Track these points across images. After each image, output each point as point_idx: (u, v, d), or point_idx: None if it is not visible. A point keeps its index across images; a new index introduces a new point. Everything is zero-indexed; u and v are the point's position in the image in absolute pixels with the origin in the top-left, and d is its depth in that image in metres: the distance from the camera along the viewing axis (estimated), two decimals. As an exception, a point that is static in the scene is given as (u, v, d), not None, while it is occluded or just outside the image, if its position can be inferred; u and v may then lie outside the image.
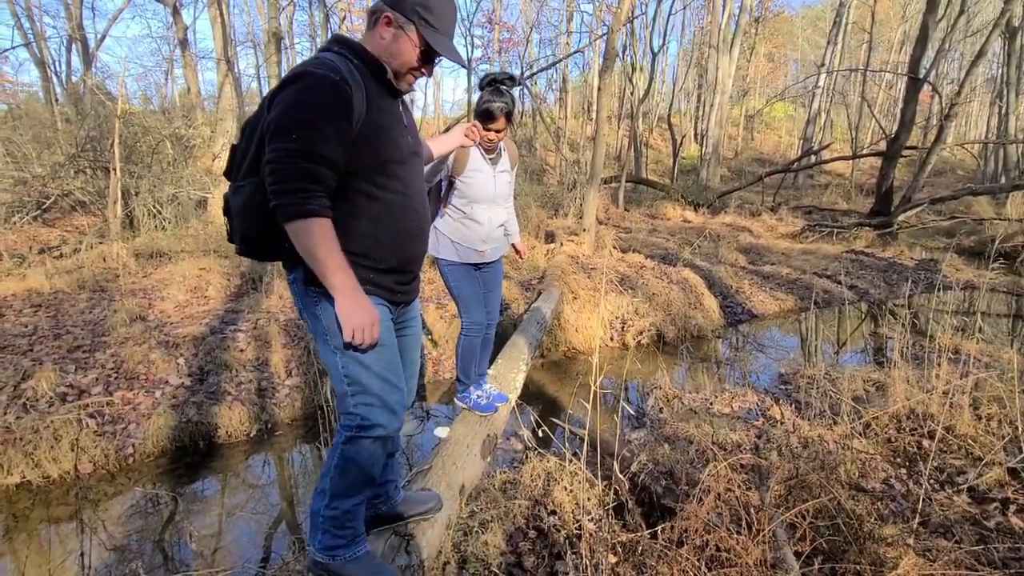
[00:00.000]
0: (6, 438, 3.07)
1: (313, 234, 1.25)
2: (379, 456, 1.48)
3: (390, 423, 1.46)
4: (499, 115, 2.24)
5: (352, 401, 1.42)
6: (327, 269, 1.27)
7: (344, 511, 1.44)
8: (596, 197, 7.55)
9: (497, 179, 2.48)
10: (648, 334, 5.20)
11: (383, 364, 1.43)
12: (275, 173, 1.23)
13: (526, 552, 1.98)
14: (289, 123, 1.23)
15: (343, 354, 1.39)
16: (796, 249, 9.00)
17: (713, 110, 17.43)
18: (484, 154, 2.43)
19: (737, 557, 1.15)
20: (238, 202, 1.35)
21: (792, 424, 3.13)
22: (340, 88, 1.26)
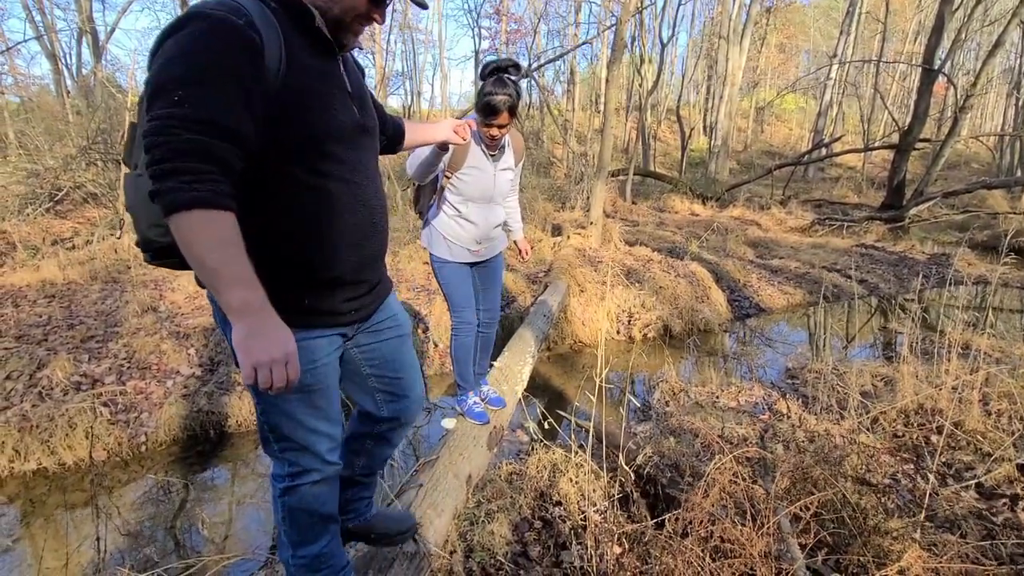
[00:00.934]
0: (23, 425, 3.14)
1: (201, 232, 0.91)
2: (326, 494, 1.27)
3: (324, 468, 1.23)
4: (502, 109, 1.97)
5: (276, 447, 1.20)
6: (220, 281, 0.93)
7: (313, 556, 1.27)
8: (603, 190, 7.53)
9: (498, 178, 2.24)
10: (655, 328, 5.19)
11: (311, 412, 1.16)
12: (153, 148, 0.90)
13: (532, 542, 2.01)
14: (171, 81, 0.91)
15: (261, 397, 1.12)
16: (805, 243, 8.93)
17: (723, 102, 17.26)
18: (485, 151, 2.18)
19: (741, 548, 1.16)
20: (137, 195, 1.05)
21: (798, 418, 3.13)
22: (245, 35, 0.94)
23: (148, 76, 0.95)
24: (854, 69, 23.35)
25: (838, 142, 17.66)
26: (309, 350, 1.12)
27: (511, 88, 1.98)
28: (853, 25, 19.48)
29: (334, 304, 1.15)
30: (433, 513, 1.66)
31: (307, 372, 1.11)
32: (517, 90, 2.01)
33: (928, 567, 1.15)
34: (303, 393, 1.13)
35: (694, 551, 1.16)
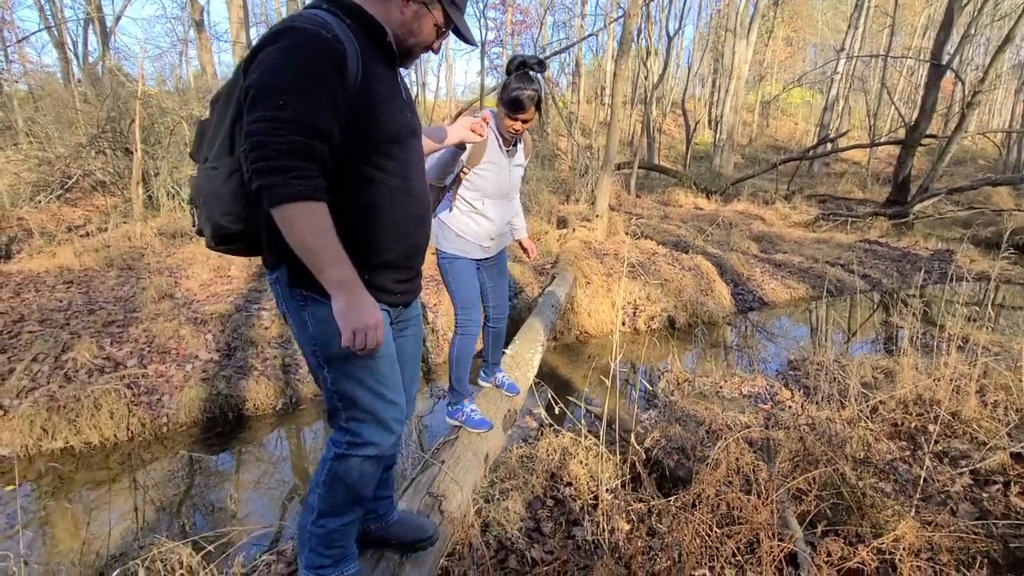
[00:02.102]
0: (51, 405, 3.26)
1: (308, 221, 1.05)
2: (371, 475, 1.33)
3: (384, 441, 1.31)
4: (529, 104, 2.01)
5: (343, 416, 1.28)
6: (325, 262, 1.08)
7: (331, 530, 1.32)
8: (609, 183, 7.59)
9: (513, 173, 2.26)
10: (659, 319, 5.28)
11: (379, 377, 1.27)
12: (260, 147, 1.02)
13: (544, 518, 2.11)
14: (275, 87, 1.03)
15: (332, 367, 1.23)
16: (809, 238, 8.99)
17: (728, 95, 17.22)
18: (502, 145, 2.18)
19: (746, 517, 1.25)
20: (210, 187, 1.16)
21: (800, 407, 3.23)
22: (333, 47, 1.07)
23: (249, 81, 1.06)
24: (861, 64, 23.23)
25: (844, 137, 17.63)
26: None
27: (537, 84, 2.01)
28: (861, 19, 19.35)
29: (387, 283, 1.28)
30: (456, 487, 1.76)
31: None
32: (541, 85, 2.05)
33: (921, 536, 1.24)
34: (370, 359, 1.24)
35: (703, 520, 1.26)
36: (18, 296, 4.67)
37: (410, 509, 1.62)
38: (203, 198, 1.17)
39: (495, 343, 2.60)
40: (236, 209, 1.16)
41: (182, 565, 1.88)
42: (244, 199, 1.14)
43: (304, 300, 1.20)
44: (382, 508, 1.56)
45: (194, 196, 1.22)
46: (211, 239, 1.22)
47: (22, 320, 4.18)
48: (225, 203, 1.15)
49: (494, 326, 2.53)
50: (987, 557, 1.39)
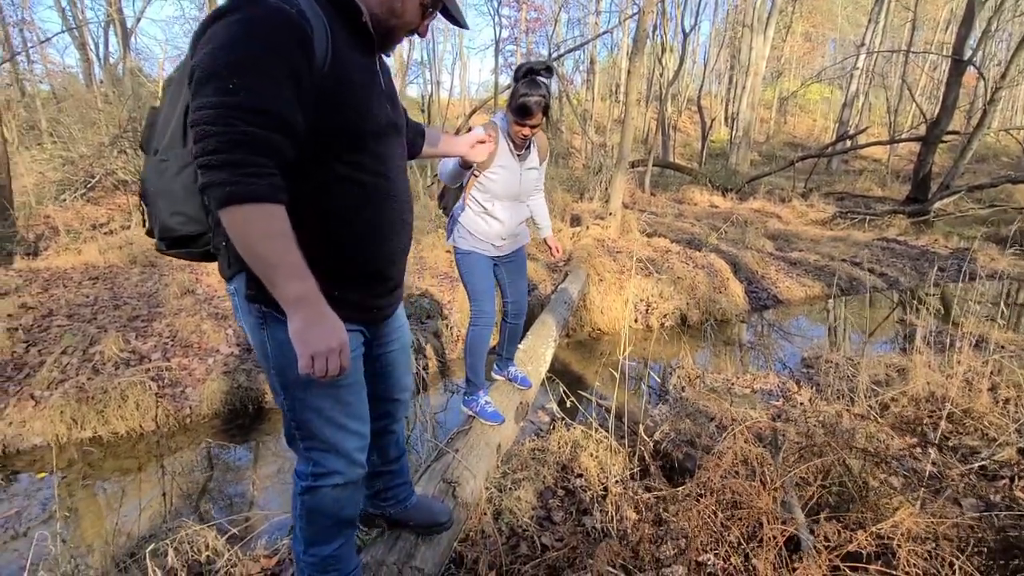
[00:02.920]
0: (80, 396, 3.39)
1: (261, 226, 0.90)
2: (348, 499, 1.24)
3: (349, 471, 1.20)
4: (536, 111, 2.04)
5: (302, 445, 1.17)
6: (279, 274, 0.93)
7: (323, 557, 1.24)
8: (623, 181, 7.60)
9: (524, 176, 2.29)
10: (672, 317, 5.30)
11: (342, 408, 1.15)
12: (207, 137, 0.87)
13: (555, 508, 2.16)
14: (225, 67, 0.87)
15: (291, 394, 1.11)
16: (826, 236, 8.91)
17: (745, 92, 17.07)
18: (513, 149, 2.22)
19: (749, 502, 1.29)
20: (159, 182, 1.02)
21: (810, 403, 3.24)
22: (297, 23, 0.92)
23: (196, 60, 0.89)
24: (882, 59, 22.84)
25: (863, 134, 17.37)
26: None
27: (544, 89, 2.04)
28: (882, 14, 19.02)
29: (362, 298, 1.15)
30: (469, 475, 1.82)
31: None
32: (549, 90, 2.08)
33: (919, 523, 1.27)
34: (333, 388, 1.12)
35: (708, 507, 1.30)
36: (46, 292, 4.83)
37: (425, 494, 1.69)
38: (151, 195, 1.04)
39: (511, 339, 2.67)
40: (188, 208, 1.03)
41: (208, 547, 1.97)
42: (197, 197, 1.01)
43: (263, 317, 1.07)
44: (402, 493, 1.58)
45: (143, 191, 1.07)
46: (160, 242, 1.08)
47: (51, 315, 4.34)
48: (175, 201, 1.02)
49: (512, 322, 2.58)
50: (987, 547, 1.41)
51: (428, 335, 4.55)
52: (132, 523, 2.24)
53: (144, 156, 1.09)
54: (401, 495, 1.58)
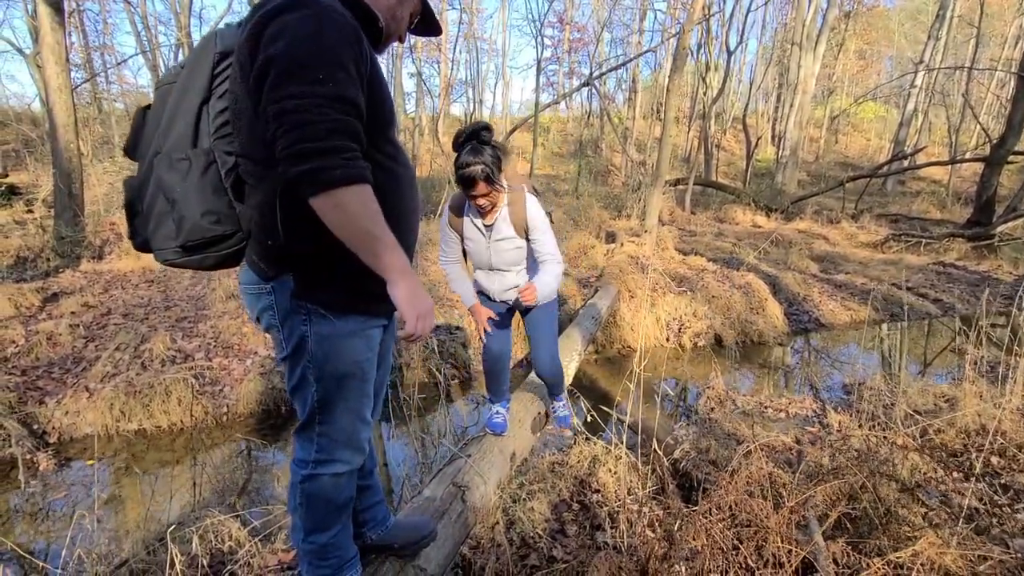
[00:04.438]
0: (128, 390, 3.60)
1: (365, 204, 0.96)
2: (345, 487, 1.28)
3: (353, 460, 1.26)
4: (478, 178, 1.82)
5: (317, 431, 1.21)
6: (386, 248, 1.00)
7: (322, 544, 1.27)
8: (659, 198, 7.52)
9: (494, 248, 2.08)
10: (705, 337, 5.17)
11: (364, 399, 1.22)
12: (302, 126, 0.90)
13: (569, 521, 2.14)
14: (310, 58, 0.91)
15: (324, 385, 1.16)
16: (876, 259, 8.52)
17: (793, 110, 16.65)
18: (476, 223, 2.05)
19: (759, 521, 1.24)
20: (184, 183, 1.02)
21: (846, 430, 3.08)
22: (352, 21, 0.99)
23: (272, 52, 0.92)
24: (943, 76, 21.84)
25: (921, 153, 16.60)
26: (370, 338, 1.20)
27: (486, 155, 1.83)
28: (943, 29, 18.25)
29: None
30: (480, 480, 1.83)
31: (367, 360, 1.20)
32: (496, 154, 1.86)
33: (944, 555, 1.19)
34: (361, 381, 1.20)
35: (718, 525, 1.26)
36: (107, 292, 5.18)
37: (434, 496, 1.70)
38: (173, 197, 1.03)
39: (549, 388, 2.59)
40: (220, 206, 1.06)
41: (231, 537, 2.05)
42: (225, 195, 1.05)
43: (308, 315, 1.11)
44: (379, 514, 1.52)
45: (141, 198, 1.07)
46: (181, 246, 1.06)
47: (109, 313, 4.64)
48: (206, 200, 1.04)
49: (539, 376, 2.47)
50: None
51: (456, 345, 4.60)
52: (164, 511, 2.36)
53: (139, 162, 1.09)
54: (379, 515, 1.52)
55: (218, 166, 1.05)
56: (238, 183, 1.08)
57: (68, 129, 6.25)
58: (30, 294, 4.84)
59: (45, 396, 3.64)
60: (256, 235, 1.10)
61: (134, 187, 1.09)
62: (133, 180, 1.10)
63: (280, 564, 1.89)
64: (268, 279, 1.11)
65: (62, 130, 6.20)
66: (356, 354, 1.17)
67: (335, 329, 1.13)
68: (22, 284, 5.10)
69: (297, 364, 1.16)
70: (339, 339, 1.14)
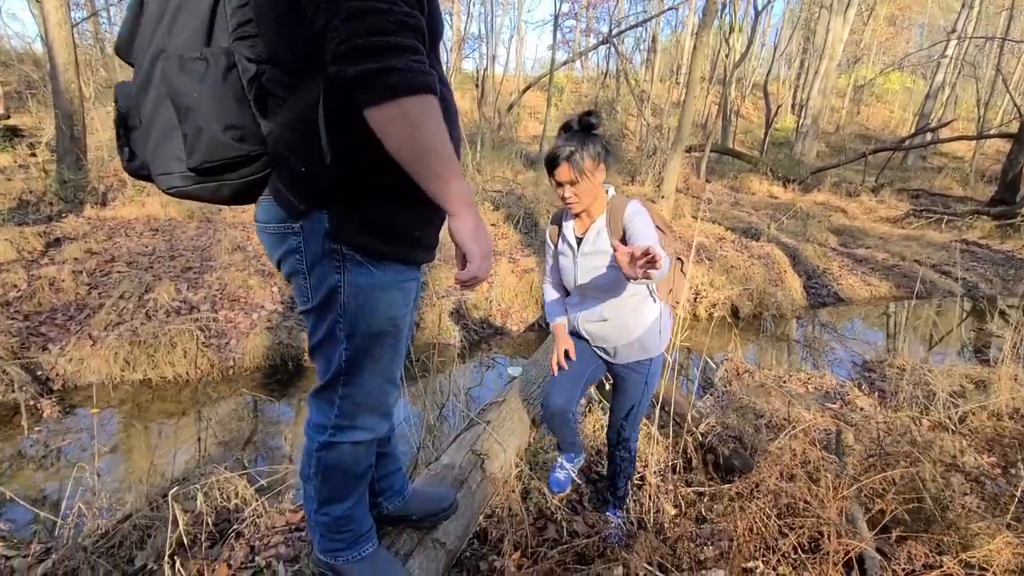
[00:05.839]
0: (133, 340, 3.52)
1: (436, 119, 0.81)
2: (365, 456, 1.15)
3: (378, 427, 1.13)
4: (562, 159, 1.45)
5: (340, 393, 1.05)
6: (453, 171, 0.84)
7: (336, 517, 1.16)
8: (679, 163, 7.26)
9: (580, 264, 1.61)
10: (722, 307, 5.04)
11: (396, 360, 1.08)
12: (366, 15, 0.73)
13: (587, 493, 2.06)
14: None
15: (355, 344, 1.00)
16: (896, 234, 8.29)
17: (817, 77, 16.00)
18: (569, 234, 1.64)
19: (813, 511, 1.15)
20: (201, 87, 0.82)
21: (874, 410, 2.99)
22: None
23: None
24: (974, 47, 20.91)
25: (947, 128, 16.03)
26: (408, 291, 1.04)
27: (584, 139, 1.46)
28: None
29: (431, 237, 1.03)
30: (499, 448, 1.74)
31: (403, 316, 1.04)
32: (600, 144, 1.48)
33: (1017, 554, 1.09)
34: (396, 339, 1.05)
35: (760, 509, 1.16)
36: (111, 239, 5.06)
37: (453, 464, 1.61)
38: (187, 104, 0.83)
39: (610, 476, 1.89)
40: (244, 120, 0.86)
41: (237, 495, 1.98)
42: (249, 108, 0.86)
43: (342, 260, 0.94)
44: (397, 483, 1.38)
45: (139, 107, 0.86)
46: (196, 168, 0.86)
47: (113, 260, 4.53)
48: (228, 111, 0.84)
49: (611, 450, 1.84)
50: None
51: (468, 306, 4.49)
52: (168, 464, 2.29)
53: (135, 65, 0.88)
54: (397, 484, 1.39)
55: (239, 71, 0.85)
56: (261, 95, 0.88)
57: (69, 68, 5.99)
58: (32, 238, 4.72)
59: (48, 343, 3.57)
60: (285, 159, 0.90)
61: (130, 94, 0.88)
62: (128, 85, 0.89)
63: (288, 525, 1.82)
64: (297, 216, 0.93)
65: (62, 69, 5.94)
66: (393, 309, 1.02)
67: (373, 279, 0.97)
68: (24, 228, 4.98)
69: (324, 318, 1.00)
70: (376, 291, 0.98)
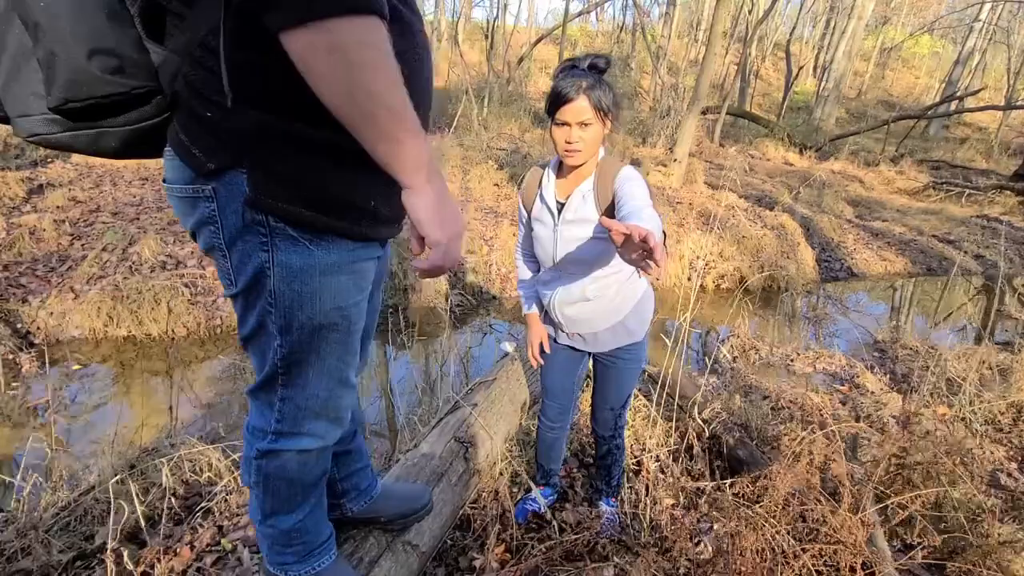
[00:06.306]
0: (116, 295, 3.38)
1: (382, 54, 0.59)
2: (316, 464, 0.96)
3: (328, 434, 0.93)
4: (574, 94, 1.19)
5: (279, 394, 0.87)
6: (405, 128, 0.63)
7: (284, 530, 0.98)
8: (694, 125, 6.92)
9: (561, 234, 1.34)
10: (731, 279, 4.86)
11: (348, 357, 0.88)
12: None
13: (579, 478, 1.95)
14: None
15: (292, 339, 0.81)
16: (915, 207, 7.99)
17: (844, 38, 15.22)
18: (547, 198, 1.36)
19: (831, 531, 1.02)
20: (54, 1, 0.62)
21: (883, 395, 2.85)
22: None
23: None
24: (1008, 12, 19.77)
25: (974, 97, 15.33)
26: (361, 274, 0.84)
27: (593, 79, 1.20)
28: (1024, -46, 16.19)
29: (392, 207, 0.77)
30: (485, 435, 1.61)
31: (355, 304, 0.84)
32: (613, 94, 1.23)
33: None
34: (346, 334, 0.84)
35: (770, 521, 1.04)
36: (97, 187, 4.86)
37: (432, 453, 1.48)
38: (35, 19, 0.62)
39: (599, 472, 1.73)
40: (120, 44, 0.65)
41: (211, 467, 1.88)
42: (130, 26, 0.65)
43: (269, 235, 0.73)
44: (364, 482, 1.20)
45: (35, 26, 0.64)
46: (58, 109, 0.66)
47: (98, 210, 4.35)
48: (94, 29, 0.63)
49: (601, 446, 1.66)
50: None
51: (466, 270, 4.32)
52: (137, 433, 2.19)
53: None
54: (363, 484, 1.20)
55: None
56: (151, 10, 0.67)
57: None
58: (15, 184, 4.54)
59: (28, 295, 3.44)
60: (187, 100, 0.68)
61: None
62: None
63: (262, 502, 1.72)
64: (207, 176, 0.71)
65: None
66: (341, 297, 0.81)
67: (311, 259, 0.76)
68: (7, 172, 4.78)
69: (252, 306, 0.79)
70: (316, 275, 0.77)
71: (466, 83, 9.40)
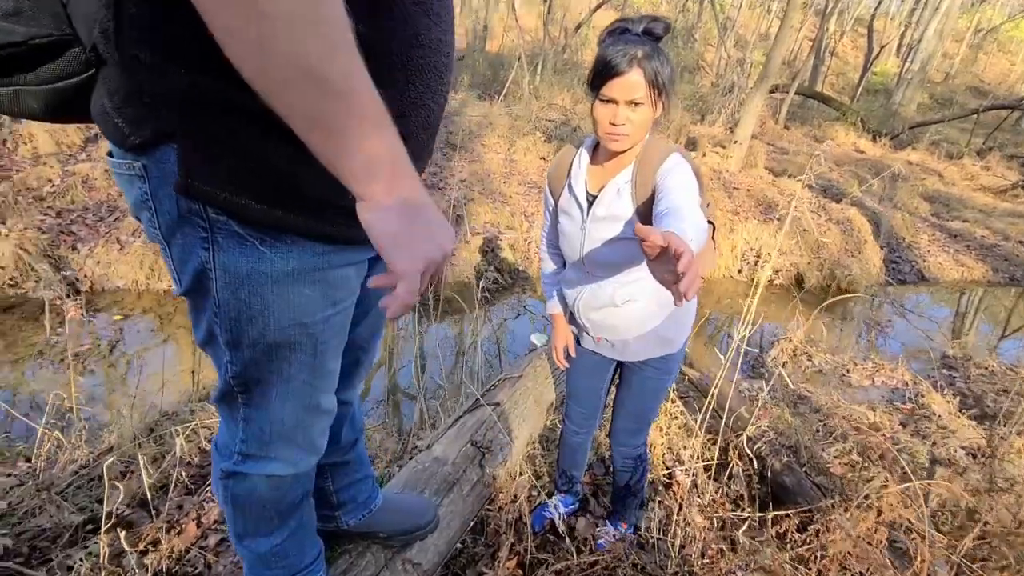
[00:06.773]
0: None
1: (319, 15, 0.43)
2: (292, 488, 0.85)
3: (300, 460, 0.81)
4: (626, 67, 0.98)
5: (241, 413, 0.75)
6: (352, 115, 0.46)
7: (262, 553, 0.88)
8: (760, 104, 6.43)
9: (589, 230, 1.17)
10: (785, 275, 4.54)
11: (316, 382, 0.75)
12: None
13: (603, 484, 1.82)
14: None
15: (243, 355, 0.68)
16: (1000, 208, 7.28)
17: (936, 15, 13.86)
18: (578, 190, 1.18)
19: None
20: None
21: (951, 421, 2.58)
22: None
23: None
24: None
25: (1084, 87, 13.73)
26: (333, 285, 0.69)
27: (648, 48, 1.00)
28: None
29: None
30: (505, 439, 1.50)
31: (324, 321, 0.70)
32: (670, 68, 1.02)
33: None
34: (311, 355, 0.71)
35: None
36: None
37: (445, 458, 1.37)
38: None
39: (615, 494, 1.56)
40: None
41: (228, 437, 1.85)
42: None
43: (209, 229, 0.59)
44: (362, 494, 1.09)
45: None
46: None
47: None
48: None
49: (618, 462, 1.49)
50: None
51: (503, 246, 4.19)
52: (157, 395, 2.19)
53: None
54: (362, 496, 1.09)
55: None
56: None
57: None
58: (72, 132, 4.64)
59: (78, 242, 3.53)
60: (106, 55, 0.55)
61: None
62: None
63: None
64: (134, 150, 0.57)
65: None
66: (302, 312, 0.66)
67: (261, 264, 0.61)
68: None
69: (202, 310, 0.66)
70: (269, 283, 0.62)
71: (520, 49, 9.06)
